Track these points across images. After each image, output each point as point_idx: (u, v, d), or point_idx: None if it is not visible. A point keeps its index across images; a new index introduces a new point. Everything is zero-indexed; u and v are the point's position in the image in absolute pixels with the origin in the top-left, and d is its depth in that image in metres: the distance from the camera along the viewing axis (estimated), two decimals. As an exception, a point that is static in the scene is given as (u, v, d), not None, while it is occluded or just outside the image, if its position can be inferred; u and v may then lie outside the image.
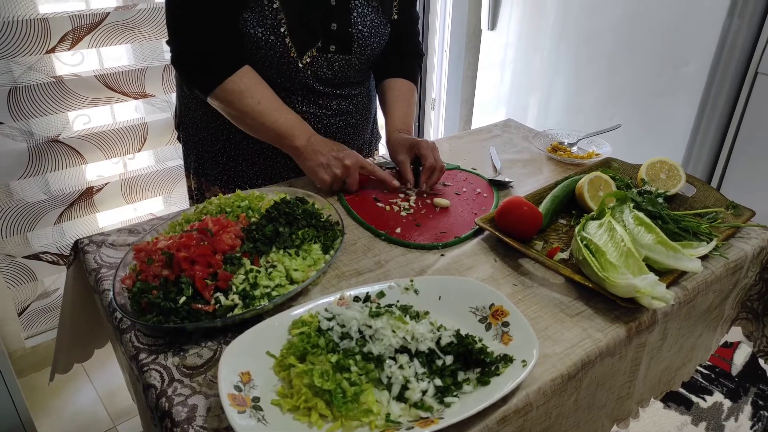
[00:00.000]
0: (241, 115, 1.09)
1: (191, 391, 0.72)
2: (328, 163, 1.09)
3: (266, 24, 1.05)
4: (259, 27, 1.05)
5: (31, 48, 1.55)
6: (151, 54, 1.77)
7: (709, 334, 1.06)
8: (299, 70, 1.12)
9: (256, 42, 1.06)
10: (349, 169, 1.10)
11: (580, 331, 0.81)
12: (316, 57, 1.12)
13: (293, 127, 1.10)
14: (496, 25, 2.28)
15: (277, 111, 1.09)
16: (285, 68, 1.11)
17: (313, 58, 1.12)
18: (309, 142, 1.10)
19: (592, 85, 2.00)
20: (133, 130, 1.80)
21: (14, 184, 1.68)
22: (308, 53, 1.10)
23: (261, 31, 1.05)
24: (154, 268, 0.83)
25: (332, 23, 1.11)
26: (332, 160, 1.09)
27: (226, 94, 1.07)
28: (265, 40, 1.06)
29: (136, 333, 0.80)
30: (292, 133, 1.10)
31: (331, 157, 1.09)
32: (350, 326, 0.75)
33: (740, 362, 1.97)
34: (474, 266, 0.94)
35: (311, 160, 1.10)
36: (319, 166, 1.10)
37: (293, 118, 1.11)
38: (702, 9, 1.63)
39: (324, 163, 1.09)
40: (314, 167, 1.10)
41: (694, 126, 1.76)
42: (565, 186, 1.10)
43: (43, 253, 1.81)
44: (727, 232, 1.02)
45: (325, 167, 1.09)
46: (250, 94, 1.07)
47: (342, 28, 1.12)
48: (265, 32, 1.06)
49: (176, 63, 1.10)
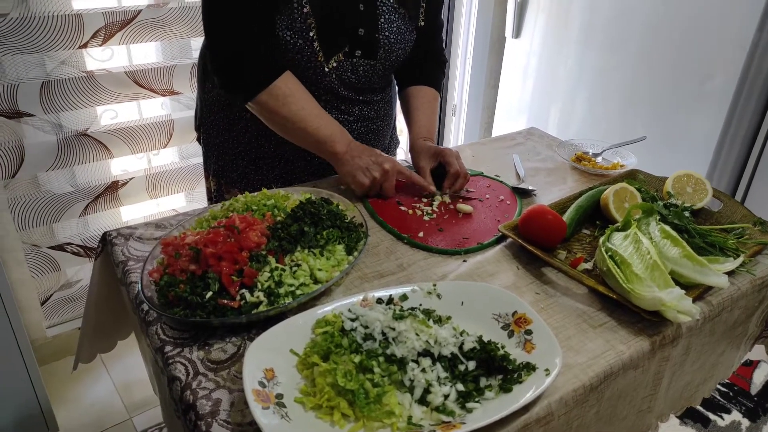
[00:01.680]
0: (283, 120, 1.09)
1: (215, 385, 0.73)
2: (367, 167, 1.11)
3: (295, 28, 1.06)
4: (289, 30, 1.06)
5: (64, 43, 1.59)
6: (180, 52, 1.80)
7: (732, 351, 1.04)
8: (325, 74, 1.13)
9: (285, 45, 1.07)
10: (388, 173, 1.11)
11: (603, 343, 0.81)
12: (342, 62, 1.13)
13: (334, 134, 1.11)
14: (520, 33, 2.27)
15: (319, 117, 1.11)
16: (311, 72, 1.12)
17: (339, 62, 1.13)
18: (349, 147, 1.12)
19: (615, 96, 1.99)
20: (159, 127, 1.83)
21: (42, 175, 1.72)
22: (335, 58, 1.11)
23: (290, 35, 1.06)
24: (181, 263, 0.84)
25: (360, 29, 1.12)
26: (371, 165, 1.11)
27: (272, 98, 1.07)
28: (293, 43, 1.07)
29: (162, 326, 0.82)
30: (333, 139, 1.11)
31: (371, 162, 1.11)
32: (374, 327, 0.75)
33: (760, 381, 1.93)
34: (496, 273, 0.94)
35: (350, 165, 1.11)
36: (358, 170, 1.11)
37: (334, 124, 1.13)
38: (731, 22, 1.62)
39: (364, 166, 1.11)
40: (353, 171, 1.11)
41: (719, 140, 1.74)
42: (590, 196, 1.10)
43: (67, 244, 1.84)
44: (754, 248, 1.00)
45: (365, 170, 1.11)
46: (294, 100, 1.08)
47: (369, 33, 1.13)
48: (294, 36, 1.07)
49: (217, 68, 1.09)
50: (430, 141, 1.24)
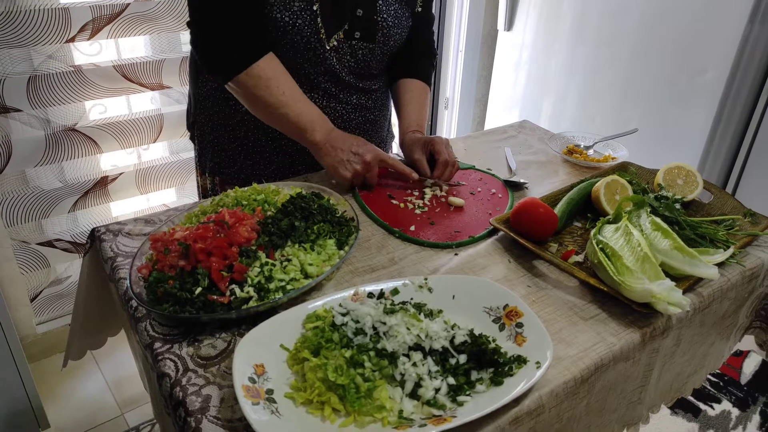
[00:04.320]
0: (263, 103, 1.08)
1: (205, 382, 0.72)
2: (348, 159, 1.09)
3: (293, 8, 1.05)
4: (286, 11, 1.05)
5: (52, 37, 1.57)
6: (169, 46, 1.78)
7: (722, 341, 1.05)
8: (326, 56, 1.11)
9: (283, 27, 1.06)
10: (369, 164, 1.09)
11: (594, 335, 0.81)
12: (342, 42, 1.12)
13: (314, 121, 1.09)
14: (512, 26, 2.27)
15: (301, 103, 1.09)
16: (311, 54, 1.10)
17: (339, 41, 1.11)
18: (329, 137, 1.10)
19: (607, 89, 1.99)
20: (148, 121, 1.81)
21: (30, 171, 1.70)
22: (335, 36, 1.10)
23: (288, 15, 1.05)
24: (170, 259, 0.83)
25: (358, 9, 1.11)
26: (352, 156, 1.09)
27: (252, 79, 1.05)
28: (292, 24, 1.05)
29: (152, 322, 0.81)
30: (313, 127, 1.09)
31: (351, 153, 1.09)
32: (364, 322, 0.75)
33: (750, 371, 1.95)
34: (488, 266, 0.94)
35: (331, 156, 1.10)
36: (339, 163, 1.09)
37: (315, 111, 1.11)
38: (722, 16, 1.62)
39: (344, 159, 1.09)
40: (334, 164, 1.10)
41: (710, 133, 1.74)
42: (581, 189, 1.10)
43: (56, 240, 1.82)
44: (744, 239, 1.01)
45: (345, 164, 1.09)
46: (276, 83, 1.06)
47: (367, 14, 1.12)
48: (292, 16, 1.05)
49: (197, 46, 1.08)
50: (419, 133, 1.23)
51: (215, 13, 1.05)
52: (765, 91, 1.67)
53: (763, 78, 1.66)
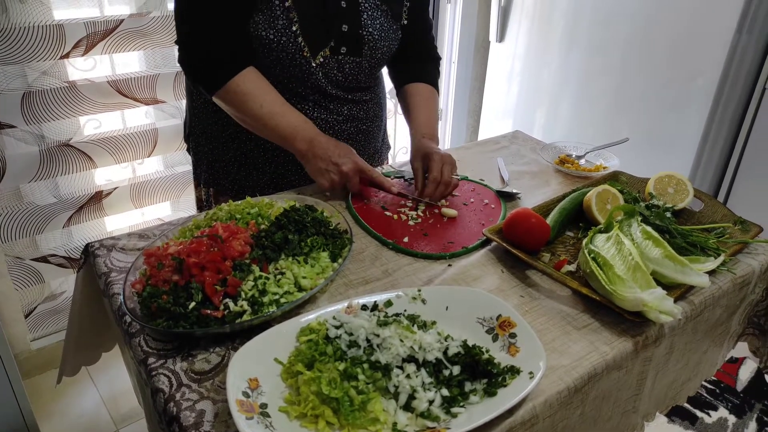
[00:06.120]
0: (244, 117, 1.12)
1: (199, 397, 0.72)
2: (327, 169, 1.10)
3: (277, 26, 1.06)
4: (271, 29, 1.06)
5: (46, 53, 1.57)
6: (163, 61, 1.79)
7: (715, 349, 1.05)
8: (312, 72, 1.13)
9: (268, 44, 1.08)
10: (347, 175, 1.11)
11: (587, 344, 0.81)
12: (328, 58, 1.13)
13: (295, 131, 1.11)
14: (504, 37, 2.29)
15: (279, 115, 1.10)
16: (297, 70, 1.12)
17: (325, 58, 1.13)
18: (311, 145, 1.11)
19: (599, 99, 2.01)
20: (143, 136, 1.82)
21: (25, 186, 1.70)
22: (321, 53, 1.12)
23: (273, 33, 1.07)
24: (164, 273, 0.83)
25: (343, 24, 1.12)
26: (331, 166, 1.10)
27: (230, 95, 1.09)
28: (276, 41, 1.07)
29: (145, 337, 0.81)
30: (294, 137, 1.11)
31: (330, 163, 1.10)
32: (358, 335, 0.75)
33: (745, 378, 1.95)
34: (481, 277, 0.95)
35: (312, 165, 1.12)
36: (317, 172, 1.11)
37: (296, 120, 1.11)
38: (711, 24, 1.64)
39: (323, 168, 1.10)
40: (314, 173, 1.12)
41: (702, 140, 1.76)
42: (573, 198, 1.11)
43: (51, 255, 1.82)
44: (734, 247, 1.02)
45: (324, 173, 1.11)
46: (252, 98, 1.09)
47: (353, 29, 1.13)
48: (277, 34, 1.07)
49: (182, 62, 1.11)
50: (429, 137, 1.23)
51: (196, 32, 1.08)
52: (755, 97, 1.69)
53: (753, 85, 1.68)
